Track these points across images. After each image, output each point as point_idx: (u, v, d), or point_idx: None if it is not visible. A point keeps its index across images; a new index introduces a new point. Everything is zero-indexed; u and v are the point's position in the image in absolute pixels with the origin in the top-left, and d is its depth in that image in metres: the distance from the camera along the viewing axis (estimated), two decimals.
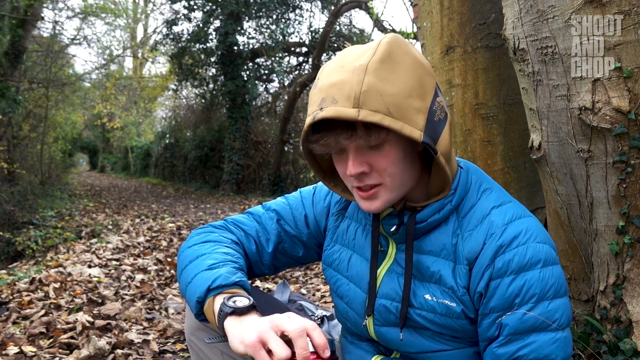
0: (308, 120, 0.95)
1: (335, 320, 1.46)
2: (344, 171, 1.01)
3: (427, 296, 1.03)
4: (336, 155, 1.01)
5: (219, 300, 0.97)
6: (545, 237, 1.00)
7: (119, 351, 2.29)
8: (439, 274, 1.02)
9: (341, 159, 1.01)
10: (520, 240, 0.97)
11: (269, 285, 3.61)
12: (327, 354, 0.84)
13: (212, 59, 13.45)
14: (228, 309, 0.93)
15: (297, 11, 13.38)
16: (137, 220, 8.25)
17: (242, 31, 12.94)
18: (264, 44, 12.94)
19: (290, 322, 0.88)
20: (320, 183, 1.30)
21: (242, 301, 0.95)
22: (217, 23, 12.84)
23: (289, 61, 14.74)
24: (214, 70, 14.09)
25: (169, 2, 13.52)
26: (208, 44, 13.17)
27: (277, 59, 12.98)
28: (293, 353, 0.84)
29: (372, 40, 1.37)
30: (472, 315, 1.01)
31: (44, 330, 2.53)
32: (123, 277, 3.89)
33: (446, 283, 1.02)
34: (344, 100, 0.91)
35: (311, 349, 0.85)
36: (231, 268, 1.05)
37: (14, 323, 2.70)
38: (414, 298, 1.04)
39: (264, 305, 1.18)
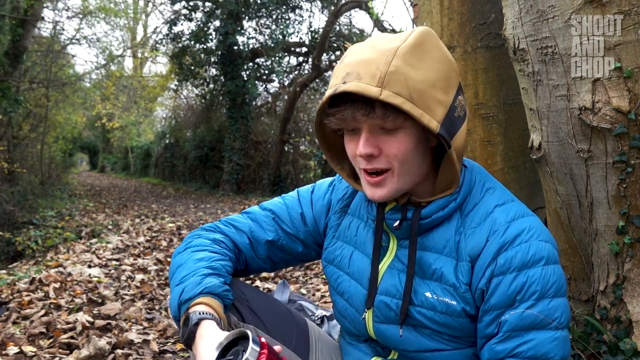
0: (329, 92, 0.96)
1: (335, 321, 1.46)
2: (353, 151, 1.01)
3: (428, 294, 1.02)
4: (348, 134, 1.02)
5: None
6: (548, 236, 1.00)
7: (119, 351, 2.29)
8: (440, 271, 1.02)
9: (353, 138, 1.01)
10: (523, 237, 0.97)
11: (269, 285, 3.61)
12: None
13: (212, 59, 13.44)
14: (184, 344, 1.01)
15: (297, 11, 13.36)
16: (137, 220, 8.25)
17: (242, 31, 12.93)
18: (264, 44, 12.93)
19: None
20: (319, 182, 1.30)
21: (187, 325, 1.01)
22: (217, 23, 12.84)
23: (289, 61, 14.73)
24: (214, 70, 14.08)
25: (169, 2, 13.52)
26: (208, 44, 13.16)
27: (277, 59, 12.97)
28: None
29: None
30: (473, 313, 1.01)
31: (44, 330, 2.53)
32: (123, 277, 3.89)
33: (447, 280, 1.01)
34: (369, 78, 0.92)
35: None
36: (197, 277, 1.07)
37: (14, 323, 2.70)
38: (414, 295, 1.04)
39: (263, 308, 1.18)
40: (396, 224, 1.03)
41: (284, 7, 12.99)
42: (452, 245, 1.02)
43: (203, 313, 1.00)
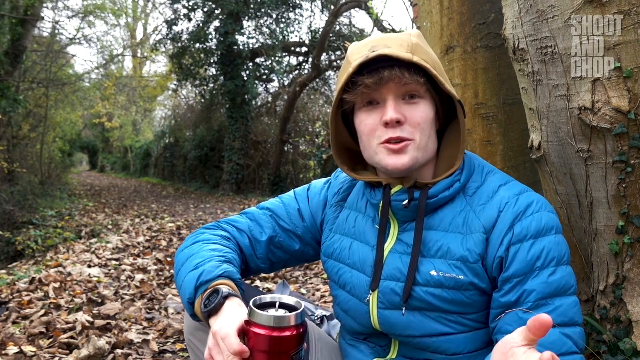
0: (358, 60, 1.01)
1: (335, 321, 1.46)
2: (374, 124, 1.05)
3: (433, 272, 1.04)
4: (366, 109, 1.06)
5: (201, 300, 1.01)
6: (553, 209, 1.06)
7: (119, 351, 2.29)
8: (447, 246, 1.04)
9: (372, 112, 1.06)
10: (534, 208, 1.03)
11: (269, 285, 3.61)
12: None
13: (212, 59, 13.44)
14: (204, 313, 0.97)
15: (297, 11, 13.36)
16: (137, 220, 8.25)
17: (242, 31, 12.92)
18: (264, 44, 12.93)
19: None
20: (314, 181, 1.33)
21: (216, 297, 0.97)
22: (217, 23, 12.84)
23: (289, 61, 14.74)
24: (214, 70, 14.08)
25: (169, 2, 13.52)
26: (208, 44, 13.16)
27: (277, 59, 12.97)
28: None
29: None
30: (484, 286, 1.03)
31: (44, 330, 2.53)
32: (123, 277, 3.89)
33: (454, 255, 1.03)
34: (398, 47, 1.01)
35: None
36: (216, 262, 1.07)
37: (14, 323, 2.70)
38: (418, 275, 1.05)
39: None
40: (405, 202, 1.06)
41: (284, 7, 12.99)
42: (460, 221, 1.06)
43: (230, 290, 1.00)
